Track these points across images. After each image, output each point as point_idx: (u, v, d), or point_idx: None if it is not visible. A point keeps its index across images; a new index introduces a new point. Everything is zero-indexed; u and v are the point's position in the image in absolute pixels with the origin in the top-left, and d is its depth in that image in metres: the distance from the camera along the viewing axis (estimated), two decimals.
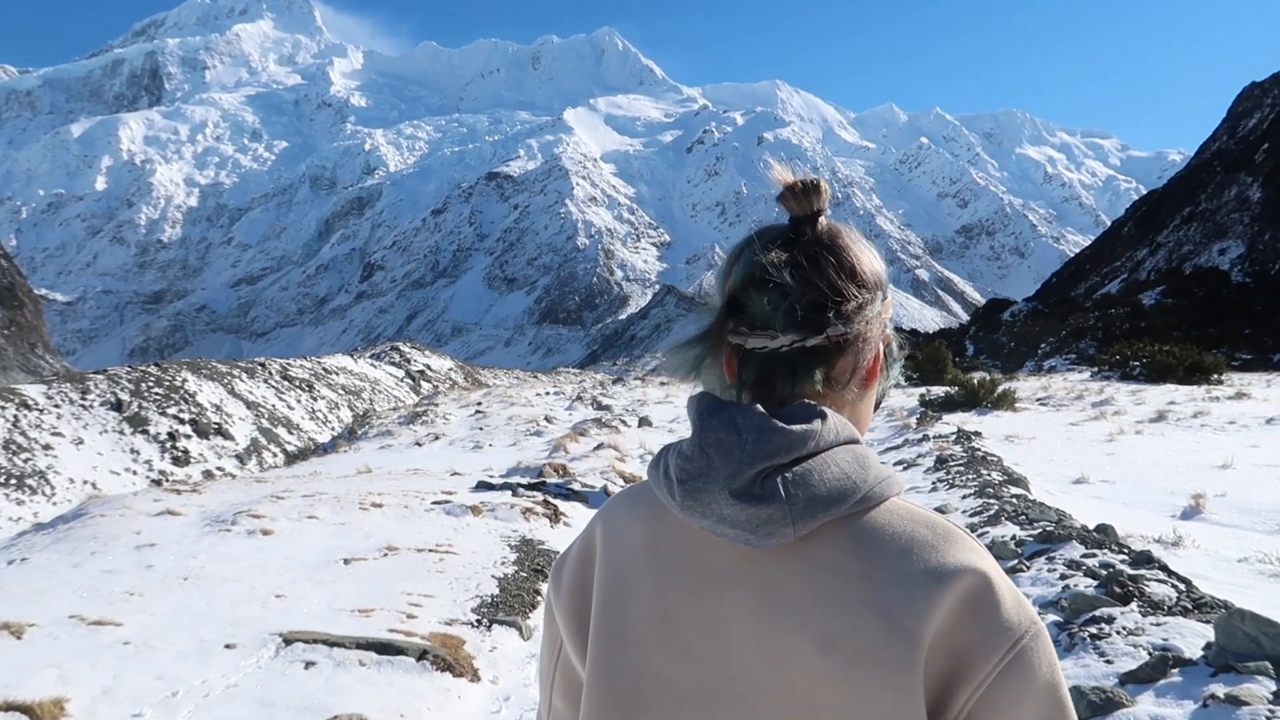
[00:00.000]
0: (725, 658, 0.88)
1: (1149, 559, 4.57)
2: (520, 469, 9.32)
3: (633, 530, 0.97)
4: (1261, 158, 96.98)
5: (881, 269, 1.00)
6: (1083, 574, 4.32)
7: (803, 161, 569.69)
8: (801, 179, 1.00)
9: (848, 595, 0.86)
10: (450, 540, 5.81)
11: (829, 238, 0.99)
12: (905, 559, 0.88)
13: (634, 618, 0.92)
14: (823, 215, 1.01)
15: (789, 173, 1.01)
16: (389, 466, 10.21)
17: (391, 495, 7.05)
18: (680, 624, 0.90)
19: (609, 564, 0.97)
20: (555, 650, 1.05)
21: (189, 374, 31.83)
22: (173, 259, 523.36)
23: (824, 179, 1.00)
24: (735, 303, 0.97)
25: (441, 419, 17.20)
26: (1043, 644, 0.89)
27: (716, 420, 0.90)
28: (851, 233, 1.02)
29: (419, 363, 52.45)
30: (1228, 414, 15.49)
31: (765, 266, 0.94)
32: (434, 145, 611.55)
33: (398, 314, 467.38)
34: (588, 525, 1.06)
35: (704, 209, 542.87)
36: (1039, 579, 4.49)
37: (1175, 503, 8.19)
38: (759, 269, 0.95)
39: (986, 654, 0.86)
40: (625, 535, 0.98)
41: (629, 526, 0.98)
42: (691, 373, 1.01)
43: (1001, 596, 0.88)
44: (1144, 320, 43.90)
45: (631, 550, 0.96)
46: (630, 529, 0.97)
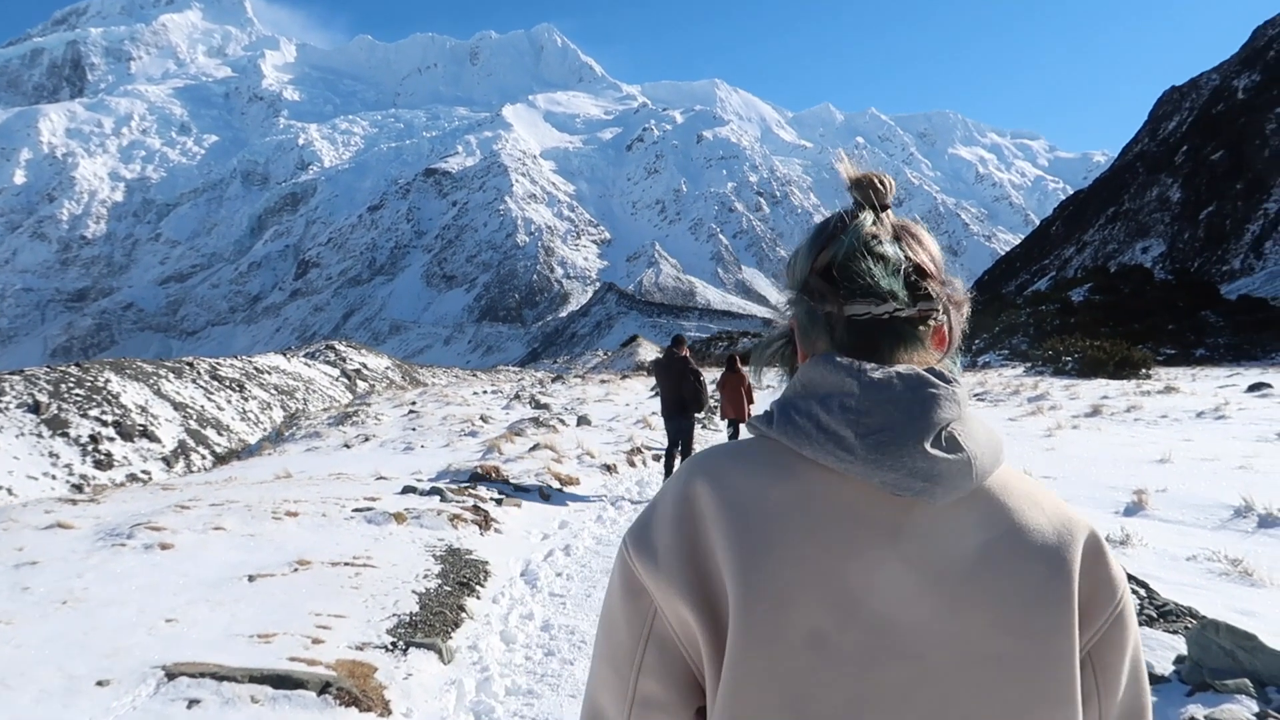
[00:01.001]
0: (892, 614, 0.88)
1: None
2: (450, 472, 8.87)
3: (766, 490, 0.94)
4: (1181, 159, 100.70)
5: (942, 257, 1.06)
6: None
7: (741, 160, 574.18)
8: (878, 174, 1.05)
9: (1011, 544, 0.92)
10: (369, 552, 5.38)
11: (904, 226, 1.05)
12: (1041, 511, 0.95)
13: (788, 579, 0.89)
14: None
15: (855, 168, 1.06)
16: (312, 471, 9.66)
17: (309, 503, 6.57)
18: (843, 583, 0.89)
19: (740, 526, 0.91)
20: (643, 629, 0.96)
21: (112, 374, 30.54)
22: (97, 255, 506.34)
23: (880, 171, 1.04)
24: (839, 272, 1.00)
25: (373, 419, 16.58)
26: (1131, 601, 0.99)
27: (882, 378, 0.93)
28: (919, 224, 1.07)
29: (355, 361, 51.35)
30: (1159, 408, 15.72)
31: (870, 240, 1.00)
32: (370, 141, 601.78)
33: (334, 312, 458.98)
34: (675, 490, 0.99)
35: (644, 207, 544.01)
36: None
37: (1118, 499, 8.12)
38: (867, 241, 1.00)
39: (1104, 601, 0.95)
40: (755, 495, 0.93)
41: (756, 486, 0.94)
42: (779, 359, 1.08)
43: (1109, 551, 0.97)
44: (1073, 316, 44.82)
45: (770, 510, 0.92)
46: (761, 488, 0.94)
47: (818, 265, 1.03)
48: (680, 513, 0.96)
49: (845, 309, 0.99)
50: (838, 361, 0.97)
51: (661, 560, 0.95)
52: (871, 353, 0.99)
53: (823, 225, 1.06)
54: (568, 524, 7.59)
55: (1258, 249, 77.51)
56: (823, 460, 0.92)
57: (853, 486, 0.93)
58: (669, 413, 9.95)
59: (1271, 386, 18.89)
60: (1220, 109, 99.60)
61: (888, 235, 1.02)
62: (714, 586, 0.92)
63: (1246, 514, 7.27)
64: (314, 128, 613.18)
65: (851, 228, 1.01)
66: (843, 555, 0.90)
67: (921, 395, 0.92)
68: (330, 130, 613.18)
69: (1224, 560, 5.76)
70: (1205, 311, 44.93)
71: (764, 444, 0.99)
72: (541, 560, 6.17)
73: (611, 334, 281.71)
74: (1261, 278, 69.48)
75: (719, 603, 0.91)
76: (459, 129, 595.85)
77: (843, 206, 1.04)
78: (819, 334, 1.03)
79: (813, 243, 1.05)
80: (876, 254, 0.99)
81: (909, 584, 0.90)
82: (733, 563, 0.90)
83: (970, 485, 0.91)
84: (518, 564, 5.99)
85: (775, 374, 1.11)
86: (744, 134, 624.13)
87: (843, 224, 1.03)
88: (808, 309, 1.04)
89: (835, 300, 1.00)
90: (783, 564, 0.90)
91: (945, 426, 0.92)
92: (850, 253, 1.00)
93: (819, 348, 1.03)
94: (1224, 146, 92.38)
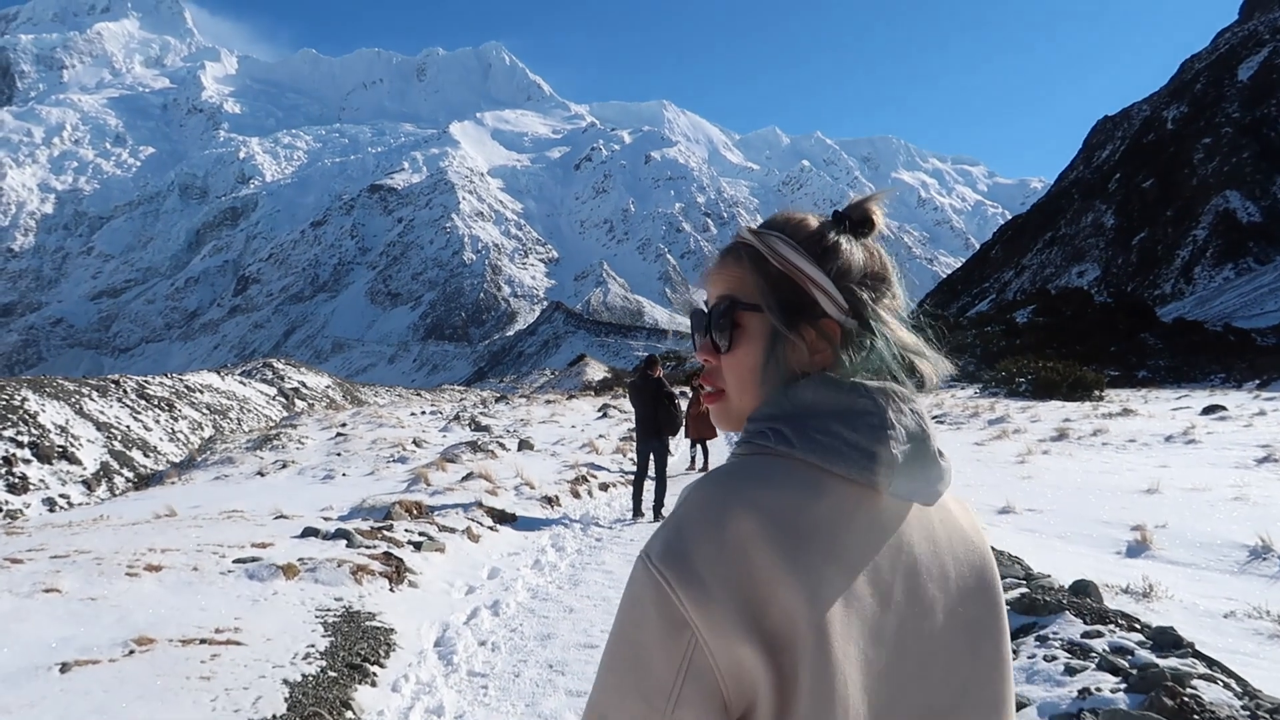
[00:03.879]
0: (925, 607, 0.98)
1: (1177, 641, 3.46)
2: (365, 509, 7.67)
3: (808, 507, 0.93)
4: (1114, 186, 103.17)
5: None
6: (1096, 666, 3.13)
7: (689, 181, 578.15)
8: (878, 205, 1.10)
9: (957, 532, 1.04)
10: (239, 621, 4.24)
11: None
12: (959, 505, 1.08)
13: (851, 587, 0.92)
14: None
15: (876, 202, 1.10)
16: (208, 506, 8.38)
17: (181, 552, 5.40)
18: (890, 586, 0.95)
19: (794, 544, 0.90)
20: (682, 662, 0.91)
21: (30, 392, 28.69)
22: (25, 269, 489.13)
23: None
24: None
25: (296, 443, 15.22)
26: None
27: (890, 396, 0.98)
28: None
29: (293, 380, 49.69)
30: (1124, 431, 15.16)
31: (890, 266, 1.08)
32: (314, 155, 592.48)
33: (275, 329, 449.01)
34: (710, 514, 0.93)
35: (592, 225, 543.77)
36: (1036, 672, 3.25)
37: (1115, 536, 7.31)
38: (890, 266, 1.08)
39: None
40: (798, 513, 0.92)
41: (796, 505, 0.93)
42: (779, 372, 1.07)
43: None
44: (1019, 338, 45.00)
45: (819, 526, 0.93)
46: (801, 507, 0.93)
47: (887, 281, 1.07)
48: (723, 538, 0.92)
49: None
50: (840, 382, 0.99)
51: (714, 593, 0.90)
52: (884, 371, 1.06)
53: (871, 252, 1.07)
54: (499, 572, 6.48)
55: (1187, 274, 79.40)
56: (856, 475, 0.94)
57: (875, 497, 0.96)
58: (643, 435, 9.91)
59: (1226, 409, 18.74)
60: (1151, 138, 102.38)
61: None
62: (772, 612, 0.90)
63: (1265, 555, 6.49)
64: (255, 141, 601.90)
65: (883, 255, 1.08)
66: (888, 560, 0.95)
67: (919, 410, 0.99)
68: (272, 144, 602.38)
69: (1267, 616, 4.92)
70: (1144, 334, 45.44)
71: (781, 464, 0.97)
72: (463, 623, 5.07)
73: (559, 353, 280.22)
74: (1191, 302, 71.05)
75: (779, 629, 0.90)
76: (405, 145, 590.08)
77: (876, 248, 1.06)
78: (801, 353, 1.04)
79: (877, 263, 1.07)
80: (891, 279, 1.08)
81: (930, 579, 0.98)
82: (795, 578, 0.90)
83: (942, 492, 1.00)
84: (432, 630, 4.89)
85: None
86: (692, 155, 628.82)
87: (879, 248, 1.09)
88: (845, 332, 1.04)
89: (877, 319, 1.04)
90: (840, 574, 0.91)
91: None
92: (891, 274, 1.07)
93: (800, 366, 1.04)
94: (1154, 175, 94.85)
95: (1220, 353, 41.17)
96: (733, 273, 1.06)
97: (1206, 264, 79.37)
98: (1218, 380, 34.60)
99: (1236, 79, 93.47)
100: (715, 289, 1.07)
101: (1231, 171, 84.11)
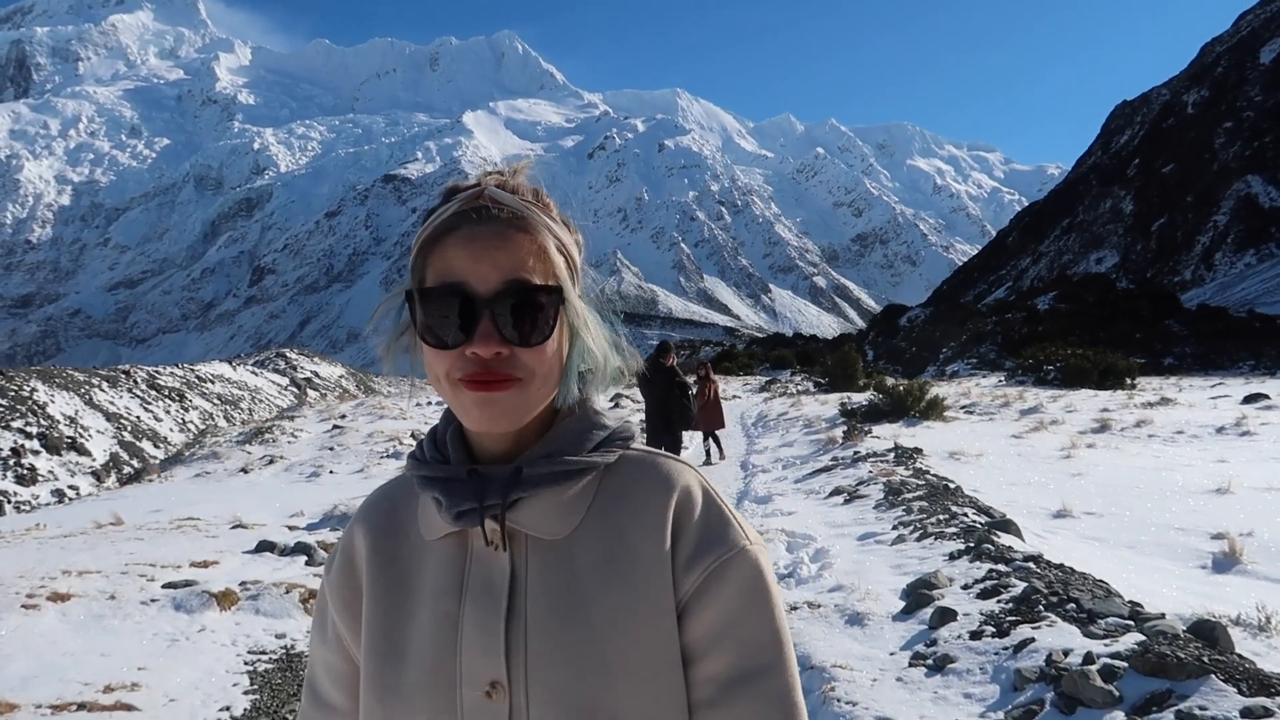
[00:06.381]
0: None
1: None
2: (335, 516, 6.84)
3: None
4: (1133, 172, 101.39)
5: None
6: None
7: (703, 169, 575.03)
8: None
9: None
10: (143, 673, 3.38)
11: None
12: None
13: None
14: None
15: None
16: (170, 510, 7.55)
17: (103, 574, 4.57)
18: None
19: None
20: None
21: (39, 383, 28.19)
22: (43, 260, 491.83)
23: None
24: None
25: (289, 437, 14.41)
26: None
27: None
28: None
29: (306, 370, 49.25)
30: (1169, 422, 14.16)
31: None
32: (327, 146, 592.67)
33: (290, 319, 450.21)
34: (719, 492, 1.03)
35: (606, 215, 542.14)
36: None
37: (1195, 546, 6.38)
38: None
39: None
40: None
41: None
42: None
43: None
44: (1040, 325, 43.93)
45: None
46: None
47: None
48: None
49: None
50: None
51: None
52: None
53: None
54: None
55: (1208, 260, 77.96)
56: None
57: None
58: (653, 429, 9.32)
59: (1270, 398, 17.67)
60: (1170, 123, 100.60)
61: None
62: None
63: None
64: (269, 132, 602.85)
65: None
66: None
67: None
68: (286, 135, 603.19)
69: None
70: (1168, 320, 44.25)
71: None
72: None
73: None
74: (1212, 288, 69.57)
75: None
76: (418, 135, 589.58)
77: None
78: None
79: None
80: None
81: None
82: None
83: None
84: None
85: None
86: (705, 143, 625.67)
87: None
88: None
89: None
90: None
91: None
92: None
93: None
94: (1174, 160, 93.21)
95: (1248, 339, 39.96)
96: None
97: (1228, 250, 77.92)
98: (1247, 368, 33.63)
99: (1259, 62, 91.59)
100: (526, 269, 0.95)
101: (1253, 156, 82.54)
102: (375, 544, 1.01)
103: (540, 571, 0.92)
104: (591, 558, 0.93)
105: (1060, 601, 3.74)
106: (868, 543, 6.19)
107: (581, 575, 0.92)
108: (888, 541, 6.05)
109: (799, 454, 12.36)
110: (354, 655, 1.03)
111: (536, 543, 0.94)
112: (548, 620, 0.90)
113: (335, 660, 1.05)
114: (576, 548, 0.93)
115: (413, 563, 0.98)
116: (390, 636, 0.96)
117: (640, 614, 0.91)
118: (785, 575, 5.55)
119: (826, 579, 5.31)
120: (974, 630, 3.77)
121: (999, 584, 4.20)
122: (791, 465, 11.50)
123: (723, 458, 13.52)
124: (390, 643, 0.95)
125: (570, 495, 0.95)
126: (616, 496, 0.96)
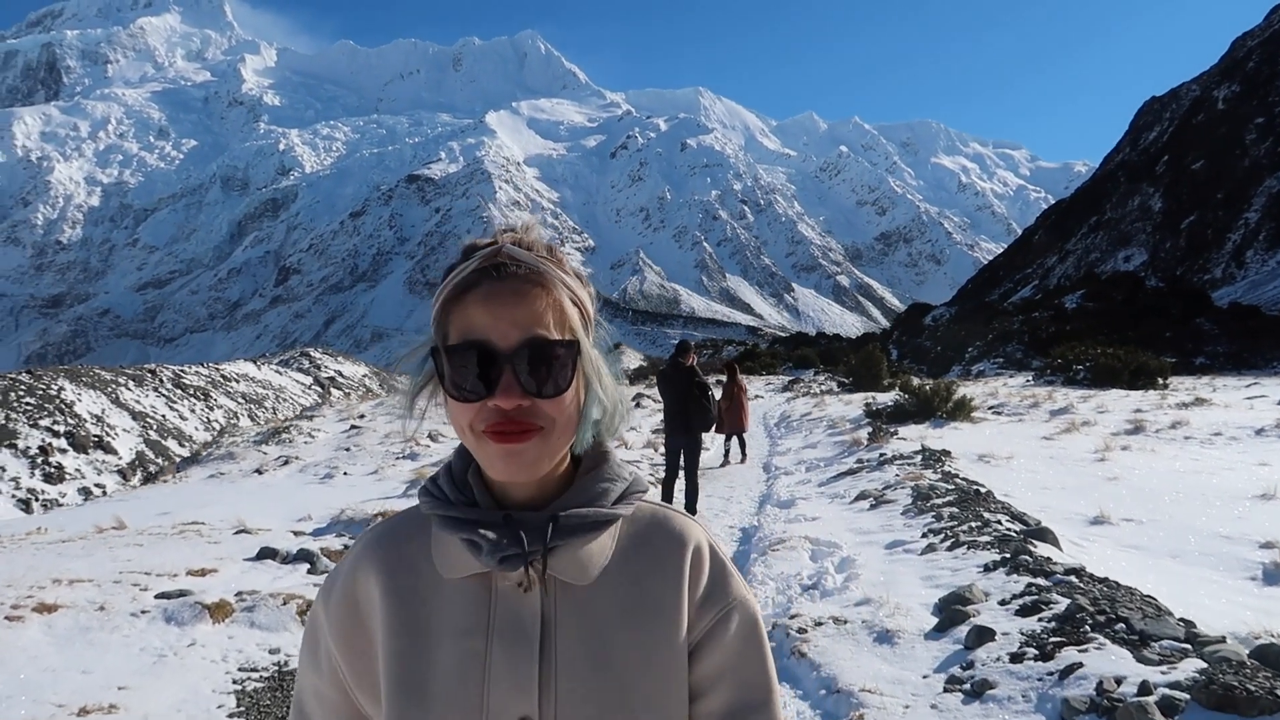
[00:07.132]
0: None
1: None
2: (343, 520, 6.65)
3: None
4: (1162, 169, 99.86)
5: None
6: None
7: (725, 168, 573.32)
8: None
9: None
10: (124, 692, 3.18)
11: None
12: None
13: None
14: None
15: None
16: (178, 513, 7.42)
17: (95, 583, 4.39)
18: None
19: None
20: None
21: (66, 382, 28.43)
22: (73, 261, 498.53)
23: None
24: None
25: (306, 437, 14.30)
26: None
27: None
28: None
29: (330, 369, 49.49)
30: (1206, 424, 13.72)
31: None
32: (352, 146, 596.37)
33: (315, 319, 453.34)
34: (719, 546, 1.16)
35: (628, 214, 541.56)
36: None
37: (1243, 555, 6.06)
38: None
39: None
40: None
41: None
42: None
43: None
44: (1068, 324, 43.28)
45: None
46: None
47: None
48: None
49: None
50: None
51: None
52: None
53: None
54: None
55: (1239, 258, 76.58)
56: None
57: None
58: (672, 431, 8.94)
59: None
60: (1200, 119, 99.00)
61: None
62: None
63: None
64: (295, 133, 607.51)
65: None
66: None
67: None
68: (311, 135, 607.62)
69: None
70: (1199, 319, 43.42)
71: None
72: None
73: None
74: (1243, 286, 68.30)
75: None
76: (442, 135, 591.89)
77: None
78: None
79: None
80: None
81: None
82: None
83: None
84: None
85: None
86: (728, 142, 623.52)
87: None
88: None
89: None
90: None
91: None
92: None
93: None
94: (1204, 156, 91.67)
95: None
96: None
97: (1259, 248, 76.43)
98: None
99: None
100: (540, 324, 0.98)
101: None
102: (388, 582, 1.02)
103: (569, 615, 0.98)
104: (614, 604, 0.99)
105: (1108, 621, 3.45)
106: (896, 551, 5.92)
107: (607, 620, 0.98)
108: (917, 550, 5.77)
109: (823, 456, 12.07)
110: (348, 687, 1.05)
111: (565, 587, 0.99)
112: (578, 661, 0.96)
113: (326, 689, 1.06)
114: (600, 594, 0.99)
115: (429, 600, 1.01)
116: (413, 673, 0.98)
117: (658, 657, 0.98)
118: (810, 586, 5.29)
119: (853, 591, 5.04)
120: (1014, 652, 3.50)
121: (1039, 600, 3.92)
122: (815, 467, 11.22)
123: (744, 460, 13.24)
124: (414, 678, 0.98)
125: (597, 544, 1.00)
126: (635, 547, 1.03)
